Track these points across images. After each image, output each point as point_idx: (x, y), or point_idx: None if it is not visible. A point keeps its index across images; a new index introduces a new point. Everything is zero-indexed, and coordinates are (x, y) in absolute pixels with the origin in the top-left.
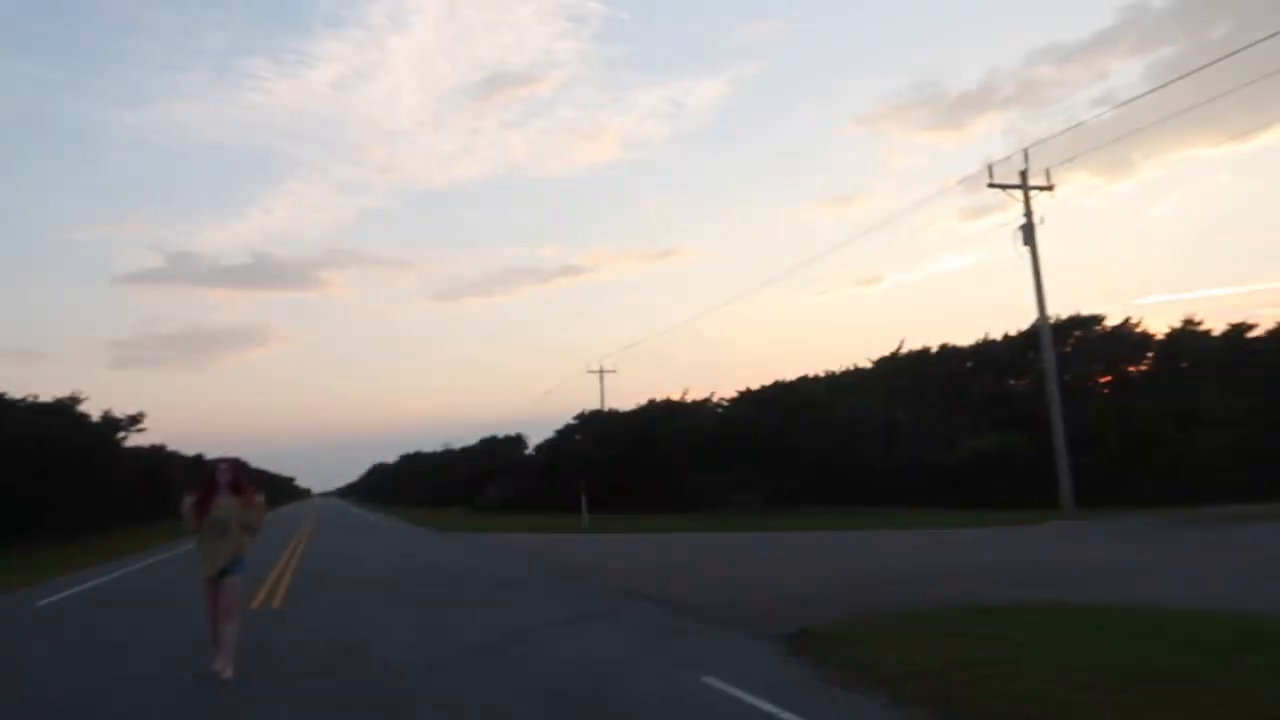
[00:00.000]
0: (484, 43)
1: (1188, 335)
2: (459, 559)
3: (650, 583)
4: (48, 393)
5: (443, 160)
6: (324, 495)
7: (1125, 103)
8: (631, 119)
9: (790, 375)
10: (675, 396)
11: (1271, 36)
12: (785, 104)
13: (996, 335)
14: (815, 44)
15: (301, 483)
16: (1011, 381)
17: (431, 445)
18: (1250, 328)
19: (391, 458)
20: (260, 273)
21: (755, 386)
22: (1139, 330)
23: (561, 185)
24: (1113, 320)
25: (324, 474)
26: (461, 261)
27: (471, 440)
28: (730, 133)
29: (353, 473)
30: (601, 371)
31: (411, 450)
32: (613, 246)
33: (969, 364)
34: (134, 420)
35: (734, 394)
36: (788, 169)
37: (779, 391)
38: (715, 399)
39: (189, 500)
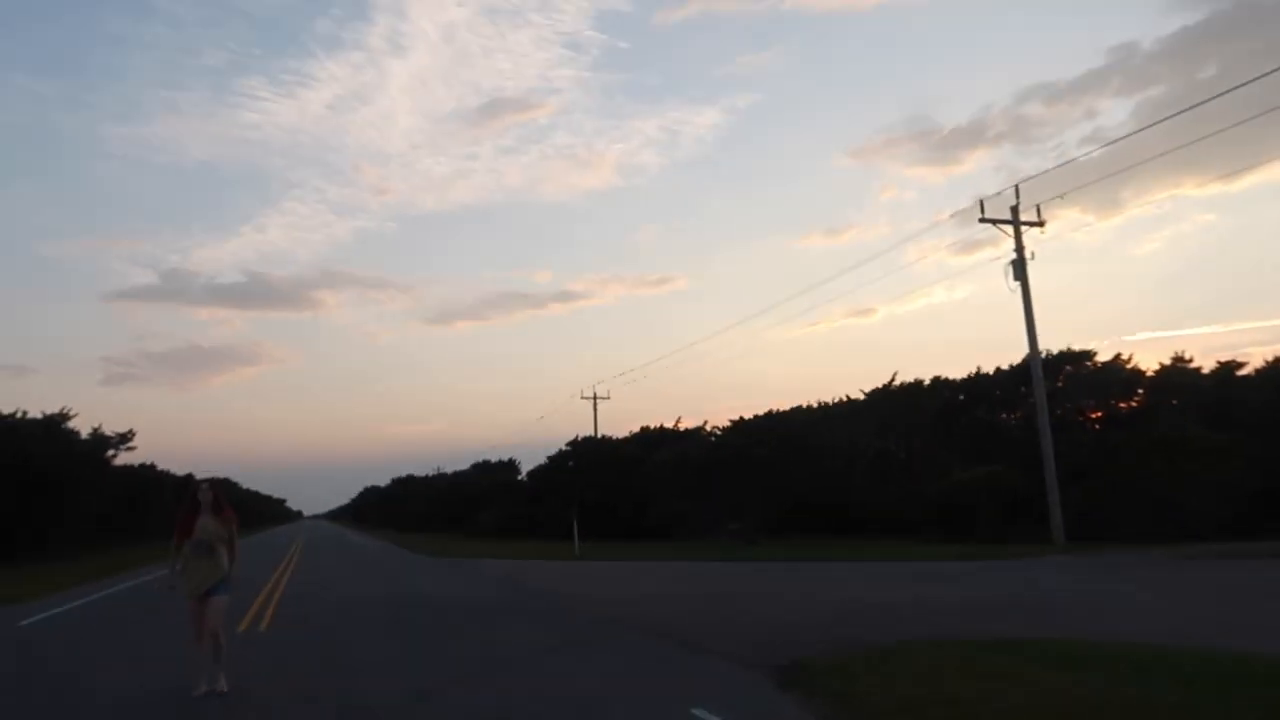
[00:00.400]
0: (482, 68)
1: (1177, 372)
2: (447, 585)
3: (639, 611)
4: (38, 409)
5: (438, 184)
6: (315, 518)
7: (1114, 141)
8: (628, 147)
9: (783, 405)
10: (668, 424)
11: (1256, 80)
12: (780, 135)
13: (988, 369)
14: (810, 76)
15: (293, 505)
16: (1003, 415)
17: (424, 469)
18: (1239, 366)
19: (384, 481)
20: (254, 292)
21: (748, 415)
22: (1129, 367)
23: (557, 211)
24: (1103, 356)
25: (315, 497)
26: (455, 285)
27: (464, 465)
28: (725, 162)
29: (344, 496)
30: (595, 398)
31: (404, 474)
32: (607, 273)
33: (961, 397)
34: (124, 438)
35: (727, 423)
36: (781, 199)
37: (772, 421)
38: (708, 427)
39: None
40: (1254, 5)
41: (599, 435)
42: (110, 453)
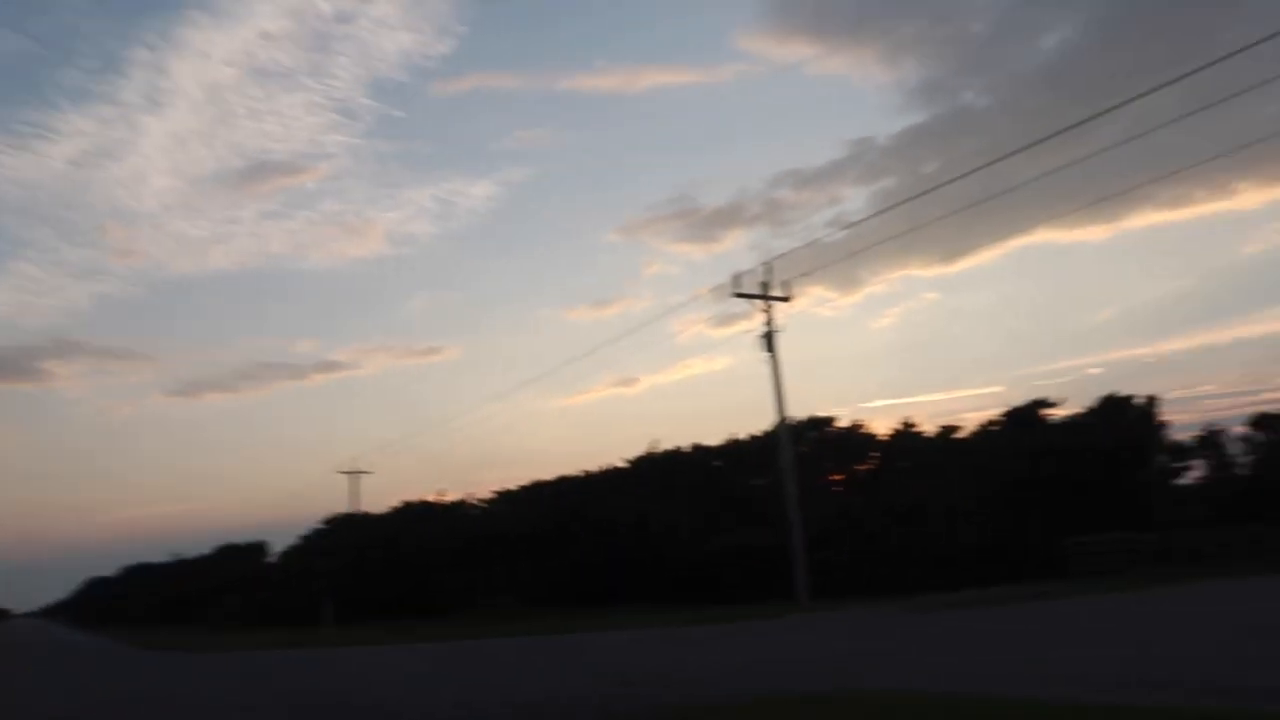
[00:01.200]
0: (247, 130)
1: (906, 436)
2: (162, 686)
3: (381, 697)
4: None
5: (193, 247)
6: (29, 615)
7: (852, 224)
8: (399, 215)
9: (548, 475)
10: (431, 498)
11: (965, 176)
12: (552, 209)
13: (743, 435)
14: (583, 154)
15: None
16: (756, 480)
17: (159, 555)
18: (956, 429)
19: (112, 570)
20: None
21: (513, 486)
22: (865, 432)
23: (323, 279)
24: (844, 422)
25: (29, 590)
26: (206, 355)
27: (206, 549)
28: (498, 234)
29: (65, 588)
30: (354, 472)
31: (136, 562)
32: (373, 343)
33: (716, 463)
34: None
35: (492, 494)
36: (553, 271)
37: (537, 491)
38: (473, 499)
39: None
40: (968, 111)
41: (360, 511)
42: None
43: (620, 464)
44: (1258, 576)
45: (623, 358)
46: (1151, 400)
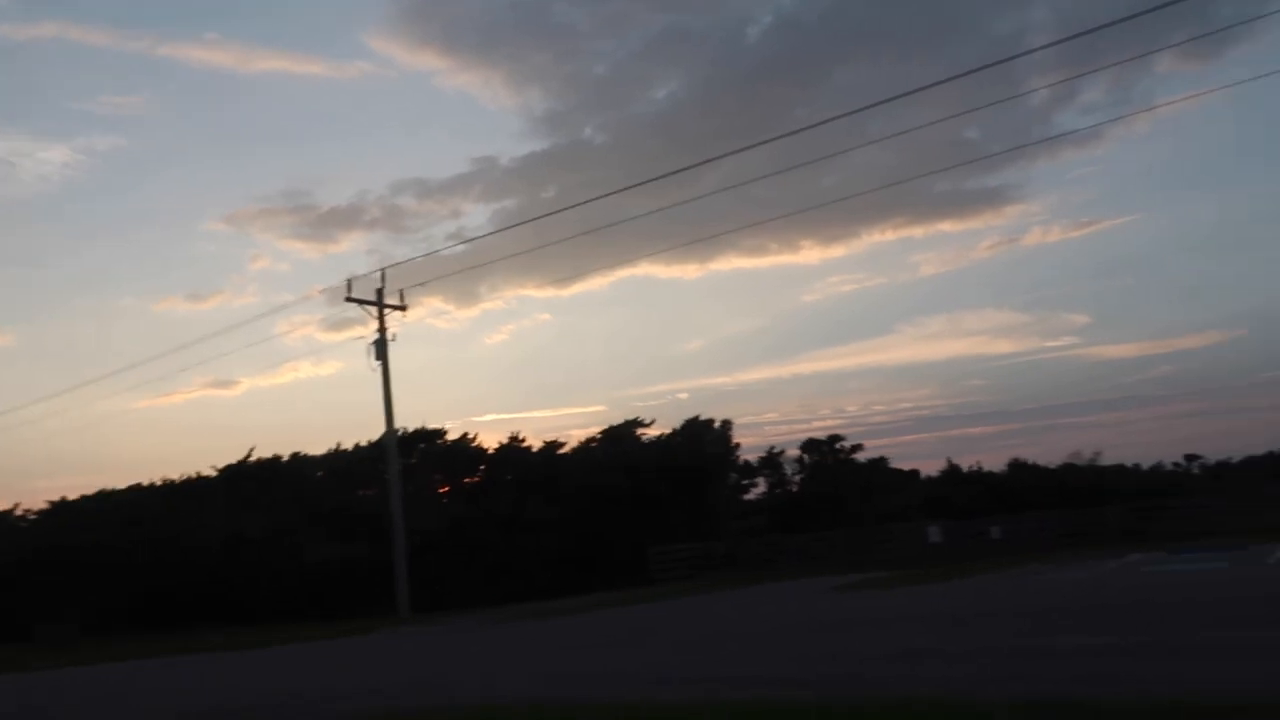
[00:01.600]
0: None
1: (513, 450)
2: None
3: None
4: None
5: None
6: None
7: (473, 239)
8: None
9: (120, 483)
10: None
11: (581, 205)
12: (143, 187)
13: (349, 445)
14: (183, 131)
15: None
16: (361, 491)
17: None
18: (561, 445)
19: None
20: None
21: (74, 496)
22: (474, 445)
23: None
24: (453, 435)
25: None
26: None
27: None
28: (74, 207)
29: None
30: None
31: None
32: None
33: (319, 473)
34: None
35: (46, 504)
36: (138, 257)
37: (104, 502)
38: (19, 511)
39: None
40: (587, 146)
41: None
42: None
43: (209, 472)
44: (808, 577)
45: (220, 357)
46: (727, 424)
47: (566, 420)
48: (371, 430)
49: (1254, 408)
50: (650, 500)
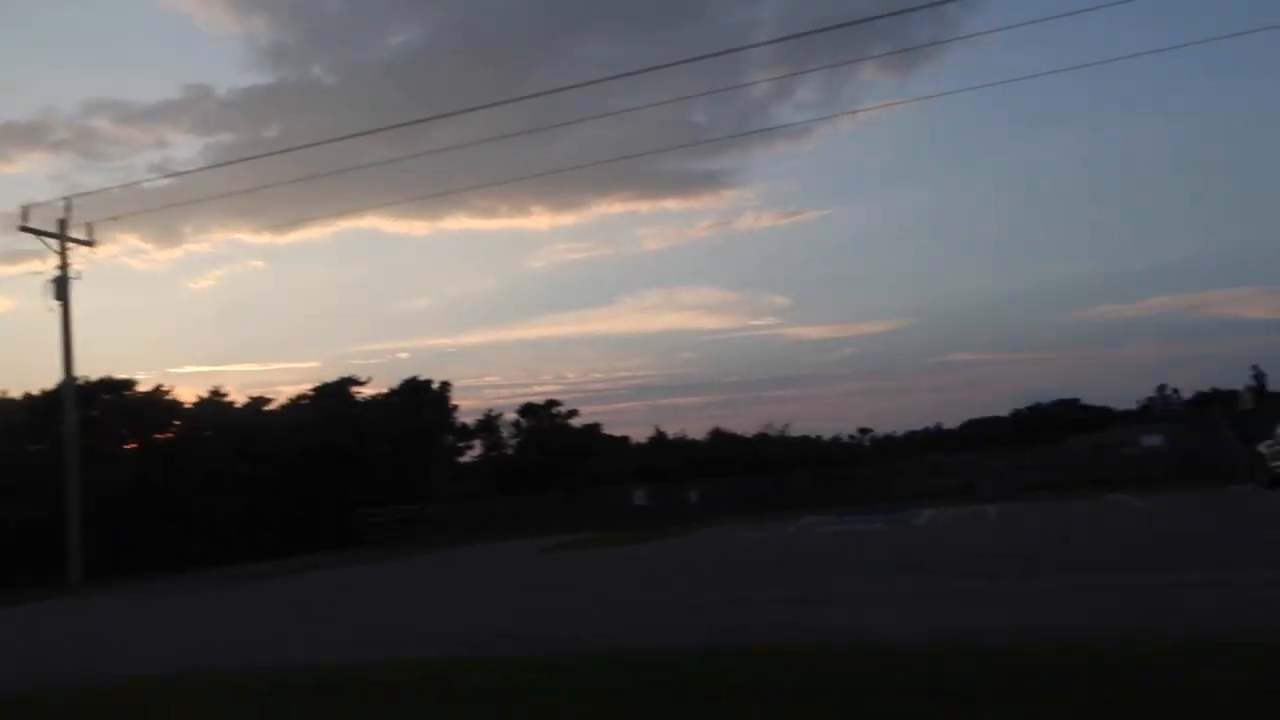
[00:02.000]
0: None
1: (214, 405)
2: None
3: None
4: None
5: None
6: None
7: (178, 174)
8: None
9: None
10: None
11: (304, 148)
12: None
13: (17, 394)
14: None
15: None
16: (32, 446)
17: None
18: (268, 401)
19: None
20: None
21: None
22: (170, 398)
23: None
24: (146, 386)
25: None
26: None
27: None
28: None
29: None
30: None
31: None
32: None
33: None
34: None
35: None
36: None
37: None
38: None
39: None
40: (315, 86)
41: None
42: None
43: None
44: (519, 539)
45: None
46: (445, 385)
47: (276, 376)
48: (47, 379)
49: (917, 388)
50: (363, 461)
